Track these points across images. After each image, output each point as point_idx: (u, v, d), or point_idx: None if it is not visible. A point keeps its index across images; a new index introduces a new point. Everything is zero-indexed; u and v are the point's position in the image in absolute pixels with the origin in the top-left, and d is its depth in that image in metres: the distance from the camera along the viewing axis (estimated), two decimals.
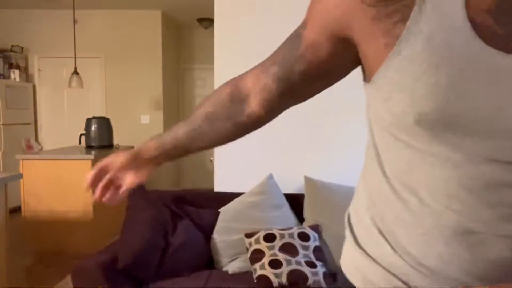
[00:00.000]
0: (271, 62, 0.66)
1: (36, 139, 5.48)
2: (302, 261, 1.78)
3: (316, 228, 2.00)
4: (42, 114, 5.52)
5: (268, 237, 1.88)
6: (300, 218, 2.16)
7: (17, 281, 2.84)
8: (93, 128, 3.94)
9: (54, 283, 2.81)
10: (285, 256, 1.79)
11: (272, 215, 2.07)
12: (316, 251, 1.87)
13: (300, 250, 1.83)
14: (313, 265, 1.77)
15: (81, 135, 4.10)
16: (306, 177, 2.21)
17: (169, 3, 5.01)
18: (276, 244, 1.85)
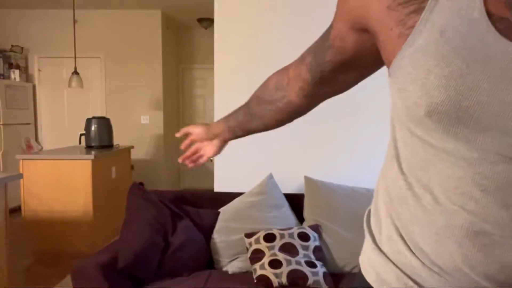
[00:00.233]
0: (308, 52, 0.70)
1: (36, 139, 5.48)
2: (302, 261, 1.78)
3: (316, 228, 2.00)
4: (42, 114, 5.52)
5: (268, 237, 1.89)
6: (300, 218, 2.16)
7: (17, 281, 2.84)
8: (93, 128, 3.94)
9: (54, 283, 2.81)
10: (285, 256, 1.79)
11: (272, 215, 2.07)
12: (316, 251, 1.87)
13: (300, 250, 1.83)
14: (313, 265, 1.77)
15: (81, 135, 4.10)
16: (306, 177, 2.21)
17: (169, 3, 5.01)
18: (276, 244, 1.85)
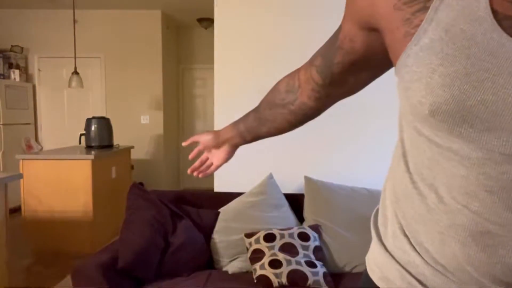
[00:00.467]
0: (317, 54, 0.70)
1: (36, 139, 5.48)
2: (302, 261, 1.78)
3: (316, 228, 2.00)
4: (42, 114, 5.52)
5: (268, 237, 1.89)
6: (300, 218, 2.16)
7: (17, 281, 2.84)
8: (93, 128, 3.94)
9: (54, 283, 2.81)
10: (285, 256, 1.79)
11: (272, 215, 2.07)
12: (316, 251, 1.87)
13: (300, 250, 1.83)
14: (313, 265, 1.77)
15: (81, 135, 4.10)
16: (306, 177, 2.21)
17: (169, 3, 5.01)
18: (276, 244, 1.85)
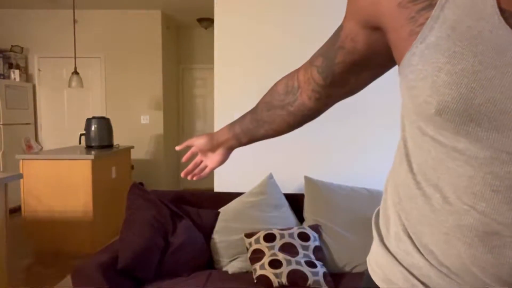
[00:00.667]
0: (318, 54, 0.70)
1: (36, 139, 5.48)
2: (302, 261, 1.78)
3: (316, 228, 2.00)
4: (42, 114, 5.51)
5: (268, 237, 1.88)
6: (300, 218, 2.16)
7: (17, 281, 2.84)
8: (93, 128, 3.94)
9: (54, 283, 2.81)
10: (285, 256, 1.79)
11: (272, 215, 2.07)
12: (316, 251, 1.87)
13: (300, 250, 1.83)
14: (313, 265, 1.77)
15: (81, 135, 4.10)
16: (306, 177, 2.21)
17: (169, 3, 5.01)
18: (276, 244, 1.85)
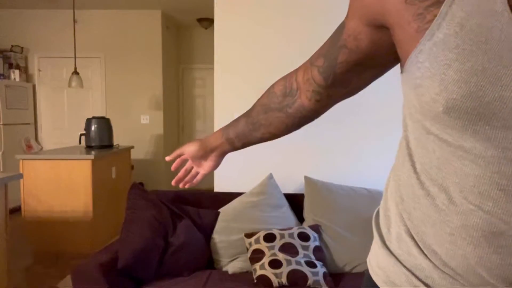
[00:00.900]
0: (318, 55, 0.68)
1: (36, 139, 5.48)
2: (302, 261, 1.78)
3: (316, 228, 2.00)
4: (42, 114, 5.52)
5: (268, 237, 1.88)
6: (300, 218, 2.16)
7: (17, 281, 2.84)
8: (93, 128, 3.94)
9: (54, 283, 2.81)
10: (285, 256, 1.79)
11: (272, 215, 2.07)
12: (316, 251, 1.87)
13: (300, 250, 1.83)
14: (313, 265, 1.77)
15: (81, 135, 4.10)
16: (306, 177, 2.21)
17: (169, 3, 5.01)
18: (276, 244, 1.85)
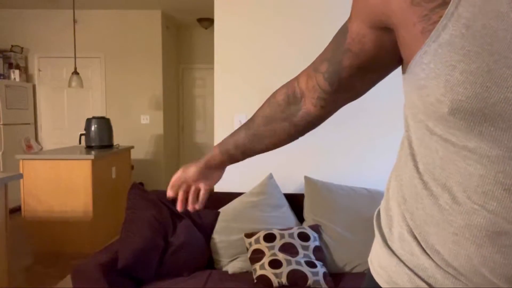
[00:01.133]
0: (321, 60, 0.67)
1: (36, 139, 5.48)
2: (302, 261, 1.78)
3: (316, 228, 2.00)
4: (42, 114, 5.52)
5: (268, 237, 1.88)
6: (300, 218, 2.16)
7: (17, 281, 2.84)
8: (93, 128, 3.94)
9: (54, 283, 2.81)
10: (285, 256, 1.79)
11: (272, 215, 2.07)
12: (316, 251, 1.87)
13: (300, 250, 1.83)
14: (313, 265, 1.77)
15: (81, 135, 4.10)
16: (306, 177, 2.21)
17: (169, 3, 5.01)
18: (276, 244, 1.85)
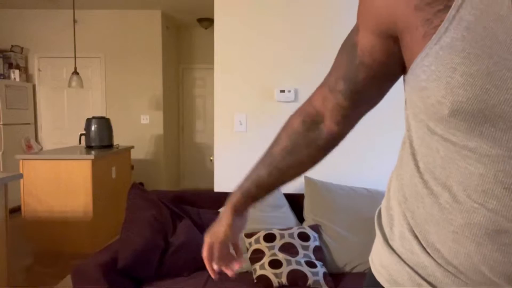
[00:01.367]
0: (335, 78, 0.66)
1: (36, 139, 5.48)
2: (302, 261, 1.78)
3: (316, 228, 2.00)
4: (42, 114, 5.52)
5: (268, 237, 1.89)
6: (300, 218, 2.16)
7: (17, 281, 2.84)
8: (93, 128, 3.94)
9: (54, 283, 2.81)
10: (285, 256, 1.79)
11: (272, 215, 2.07)
12: (316, 251, 1.87)
13: (300, 250, 1.83)
14: (313, 265, 1.77)
15: (81, 135, 4.11)
16: (306, 177, 2.21)
17: (169, 3, 5.01)
18: (276, 244, 1.85)
